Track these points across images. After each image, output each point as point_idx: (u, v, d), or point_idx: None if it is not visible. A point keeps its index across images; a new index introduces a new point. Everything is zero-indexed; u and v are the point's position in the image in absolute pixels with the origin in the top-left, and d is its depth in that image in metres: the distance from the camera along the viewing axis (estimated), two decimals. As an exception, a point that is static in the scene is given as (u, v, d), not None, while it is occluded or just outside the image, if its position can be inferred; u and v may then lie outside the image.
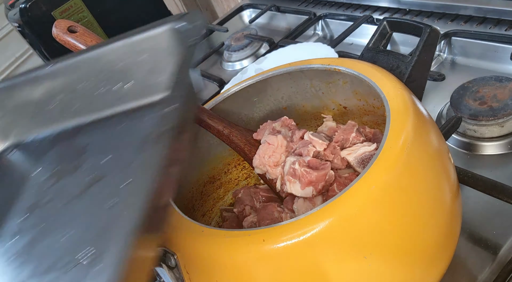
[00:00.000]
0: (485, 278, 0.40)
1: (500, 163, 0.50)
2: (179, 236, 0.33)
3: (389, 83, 0.37)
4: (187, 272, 0.34)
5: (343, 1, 0.91)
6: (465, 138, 0.53)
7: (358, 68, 0.40)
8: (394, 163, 0.30)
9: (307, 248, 0.29)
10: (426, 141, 0.34)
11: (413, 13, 0.77)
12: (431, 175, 0.33)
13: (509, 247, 0.42)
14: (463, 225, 0.45)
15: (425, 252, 0.33)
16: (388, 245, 0.30)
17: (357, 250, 0.29)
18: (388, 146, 0.31)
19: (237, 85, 0.48)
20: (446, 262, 0.35)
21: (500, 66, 0.62)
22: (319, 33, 0.92)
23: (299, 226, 0.28)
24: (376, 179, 0.30)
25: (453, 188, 0.35)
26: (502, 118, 0.51)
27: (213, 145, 0.50)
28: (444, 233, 0.34)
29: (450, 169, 0.36)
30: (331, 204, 0.29)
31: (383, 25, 0.45)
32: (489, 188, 0.44)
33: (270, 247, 0.28)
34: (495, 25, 0.66)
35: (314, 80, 0.47)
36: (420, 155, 0.32)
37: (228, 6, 1.40)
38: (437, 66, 0.69)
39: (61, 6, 1.05)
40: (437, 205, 0.33)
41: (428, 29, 0.41)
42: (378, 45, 0.45)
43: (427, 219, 0.32)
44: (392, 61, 0.42)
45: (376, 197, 0.29)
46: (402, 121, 0.33)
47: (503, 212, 0.44)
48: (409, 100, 0.35)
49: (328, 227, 0.28)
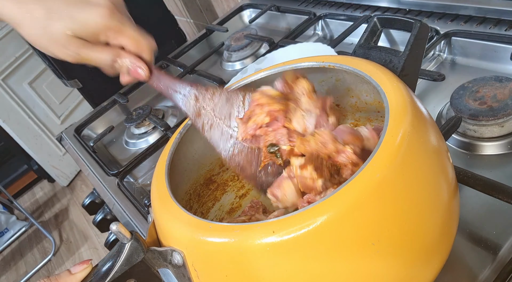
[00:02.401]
0: (485, 278, 0.40)
1: (500, 163, 0.50)
2: (186, 234, 0.33)
3: (384, 77, 0.37)
4: (195, 270, 0.34)
5: (343, 1, 0.91)
6: (465, 139, 0.53)
7: (353, 64, 0.40)
8: (397, 151, 0.31)
9: (317, 237, 0.29)
10: (424, 131, 0.34)
11: (413, 13, 0.77)
12: (429, 164, 0.33)
13: (509, 247, 0.42)
14: (463, 225, 0.45)
15: (420, 248, 0.33)
16: (386, 238, 0.31)
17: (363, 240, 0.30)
18: (389, 135, 0.31)
19: (233, 86, 0.48)
20: (442, 258, 0.35)
21: (500, 66, 0.62)
22: (319, 33, 0.92)
23: (309, 216, 0.29)
24: (380, 168, 0.30)
25: (451, 182, 0.36)
26: (502, 118, 0.51)
27: (208, 148, 0.50)
28: (440, 230, 0.34)
29: (447, 162, 0.36)
30: (335, 195, 0.29)
31: (374, 22, 0.45)
32: (489, 188, 0.44)
33: (281, 238, 0.29)
34: (495, 25, 0.66)
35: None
36: (419, 145, 0.33)
37: (228, 6, 1.40)
38: (437, 66, 0.69)
39: (61, 6, 1.05)
40: (435, 200, 0.33)
41: (418, 24, 0.41)
42: (369, 42, 0.46)
43: (424, 213, 0.32)
44: (384, 56, 0.43)
45: (380, 185, 0.30)
46: (401, 112, 0.33)
47: (503, 212, 0.44)
48: (405, 92, 0.35)
49: (334, 218, 0.29)
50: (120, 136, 0.92)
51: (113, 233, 0.35)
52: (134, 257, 0.35)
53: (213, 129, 0.44)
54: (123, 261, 0.35)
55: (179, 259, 0.34)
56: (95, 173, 0.80)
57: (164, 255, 0.35)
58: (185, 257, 0.34)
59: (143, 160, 0.76)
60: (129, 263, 0.35)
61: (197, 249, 0.33)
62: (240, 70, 0.91)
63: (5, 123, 2.10)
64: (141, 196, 0.70)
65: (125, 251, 0.35)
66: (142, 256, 0.35)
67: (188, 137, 0.46)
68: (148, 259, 0.36)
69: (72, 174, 2.43)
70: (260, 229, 0.29)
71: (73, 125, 0.97)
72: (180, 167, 0.46)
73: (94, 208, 0.87)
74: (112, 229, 0.34)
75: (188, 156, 0.48)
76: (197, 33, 1.32)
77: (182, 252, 0.34)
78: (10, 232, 2.21)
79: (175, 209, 0.35)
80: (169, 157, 0.42)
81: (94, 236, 2.02)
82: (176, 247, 0.34)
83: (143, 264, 0.36)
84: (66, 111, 2.32)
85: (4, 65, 2.08)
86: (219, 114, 0.44)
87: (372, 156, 0.31)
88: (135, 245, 0.35)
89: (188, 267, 0.34)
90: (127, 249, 0.35)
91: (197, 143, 0.48)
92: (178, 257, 0.34)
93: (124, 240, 0.35)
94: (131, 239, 0.35)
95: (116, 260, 0.35)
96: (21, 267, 2.07)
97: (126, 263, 0.35)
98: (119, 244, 0.35)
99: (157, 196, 0.38)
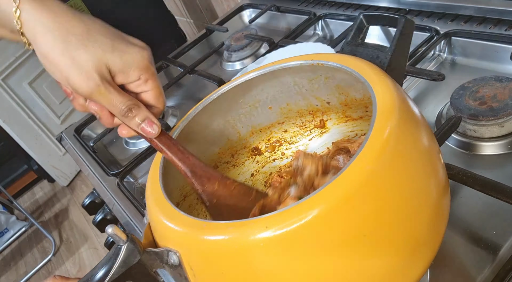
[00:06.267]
0: (485, 278, 0.40)
1: (500, 163, 0.50)
2: (181, 233, 0.33)
3: (371, 72, 0.38)
4: (191, 269, 0.34)
5: (343, 1, 0.91)
6: (465, 138, 0.54)
7: (340, 61, 0.41)
8: (385, 144, 0.31)
9: (310, 230, 0.29)
10: (411, 125, 0.34)
11: (413, 13, 0.77)
12: (417, 158, 0.34)
13: (509, 247, 0.42)
14: (463, 225, 0.45)
15: (408, 242, 0.33)
16: (376, 231, 0.31)
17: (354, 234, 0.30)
18: (377, 129, 0.32)
19: (224, 87, 0.48)
20: (430, 254, 0.35)
21: (500, 66, 0.63)
22: (319, 33, 0.92)
23: (301, 210, 0.29)
24: (369, 161, 0.30)
25: (441, 179, 0.36)
26: (502, 118, 0.51)
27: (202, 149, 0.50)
28: (428, 226, 0.34)
29: (436, 156, 0.36)
30: (325, 189, 0.30)
31: (360, 19, 0.46)
32: (489, 188, 0.44)
33: (274, 233, 0.29)
34: (495, 25, 0.66)
35: (297, 78, 0.47)
36: (407, 137, 0.33)
37: (228, 6, 1.40)
38: (437, 66, 0.69)
39: (61, 6, 1.05)
40: (424, 195, 0.33)
41: (403, 19, 0.42)
42: (356, 39, 0.46)
43: (412, 208, 0.32)
44: (371, 52, 0.44)
45: (370, 178, 0.30)
46: (389, 107, 0.33)
47: (503, 212, 0.44)
48: (392, 86, 0.36)
49: (325, 211, 0.29)
50: (120, 137, 0.92)
51: (108, 235, 0.35)
52: (130, 259, 0.35)
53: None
54: (120, 263, 0.35)
55: (175, 259, 0.34)
56: (95, 173, 0.80)
57: (160, 255, 0.36)
58: (181, 257, 0.34)
59: (143, 160, 0.76)
60: (126, 265, 0.35)
61: (192, 248, 0.33)
62: (240, 70, 0.92)
63: (5, 123, 2.10)
64: (141, 196, 0.70)
65: (122, 254, 0.35)
66: (139, 258, 0.35)
67: (183, 137, 0.46)
68: (145, 261, 0.36)
69: (72, 174, 2.43)
70: (253, 225, 0.30)
71: (73, 125, 0.97)
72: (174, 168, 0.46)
73: (94, 208, 0.87)
74: (107, 232, 0.34)
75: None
76: (197, 33, 1.32)
77: (178, 251, 0.34)
78: (10, 232, 2.21)
79: (169, 209, 0.36)
80: (162, 158, 0.42)
81: (94, 236, 2.02)
82: (172, 247, 0.34)
83: (140, 265, 0.36)
84: (66, 111, 2.32)
85: (4, 65, 2.08)
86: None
87: (361, 149, 0.31)
88: (131, 247, 0.35)
89: (184, 267, 0.34)
90: (123, 251, 0.35)
91: (192, 144, 0.48)
92: (174, 257, 0.34)
93: (120, 242, 0.35)
94: (126, 241, 0.35)
95: (113, 263, 0.35)
96: (21, 267, 2.07)
97: (123, 265, 0.35)
98: (116, 246, 0.36)
99: (151, 197, 0.38)
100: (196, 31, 1.64)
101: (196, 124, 0.47)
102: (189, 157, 0.42)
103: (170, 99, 0.97)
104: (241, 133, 0.53)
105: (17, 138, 2.16)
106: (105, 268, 0.35)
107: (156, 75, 0.42)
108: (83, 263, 1.92)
